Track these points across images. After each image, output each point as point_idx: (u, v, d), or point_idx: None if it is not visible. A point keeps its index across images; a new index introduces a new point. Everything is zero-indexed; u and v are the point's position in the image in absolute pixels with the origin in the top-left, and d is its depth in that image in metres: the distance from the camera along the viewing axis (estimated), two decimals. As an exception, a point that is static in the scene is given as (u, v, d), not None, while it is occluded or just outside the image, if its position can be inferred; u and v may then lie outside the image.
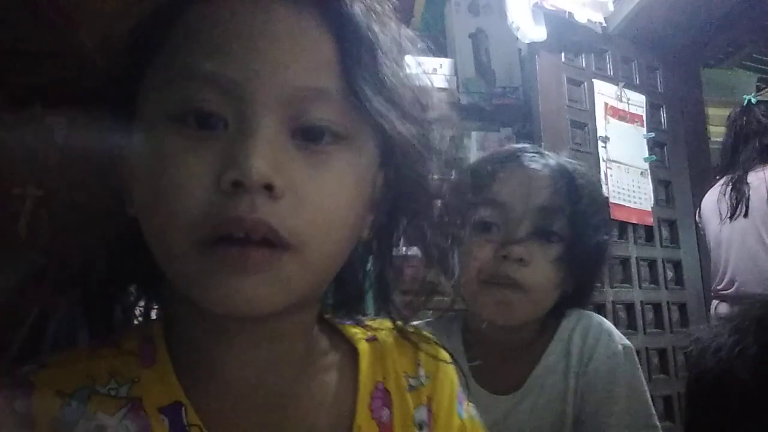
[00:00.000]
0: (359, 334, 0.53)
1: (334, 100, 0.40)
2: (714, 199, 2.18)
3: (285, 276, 0.39)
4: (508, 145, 1.11)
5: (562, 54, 2.05)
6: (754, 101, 2.23)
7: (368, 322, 0.54)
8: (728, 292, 2.10)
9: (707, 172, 2.30)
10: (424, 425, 0.50)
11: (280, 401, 0.45)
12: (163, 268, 0.41)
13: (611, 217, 1.81)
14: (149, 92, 0.41)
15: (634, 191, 2.05)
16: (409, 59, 0.47)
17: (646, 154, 2.12)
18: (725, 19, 2.17)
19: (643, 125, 2.15)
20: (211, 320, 0.42)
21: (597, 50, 2.13)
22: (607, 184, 1.96)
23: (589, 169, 1.04)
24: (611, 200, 1.93)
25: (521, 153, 0.89)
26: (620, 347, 0.83)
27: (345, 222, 0.42)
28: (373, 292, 0.53)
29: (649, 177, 2.10)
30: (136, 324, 0.50)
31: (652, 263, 2.07)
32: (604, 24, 2.07)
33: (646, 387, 0.83)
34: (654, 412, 0.82)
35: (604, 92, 2.09)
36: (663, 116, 2.25)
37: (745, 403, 0.57)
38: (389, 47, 0.44)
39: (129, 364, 0.43)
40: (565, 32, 2.03)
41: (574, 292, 0.87)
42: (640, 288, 2.01)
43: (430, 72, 0.52)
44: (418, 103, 0.46)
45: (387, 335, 0.53)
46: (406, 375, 0.52)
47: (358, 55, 0.41)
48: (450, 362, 0.55)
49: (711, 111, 2.58)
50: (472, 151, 1.93)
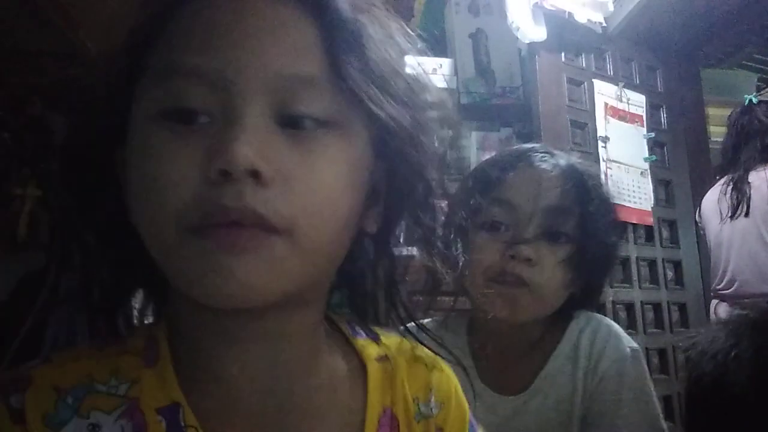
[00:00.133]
0: (371, 352, 0.51)
1: (320, 87, 0.40)
2: (714, 199, 2.17)
3: (277, 257, 0.38)
4: (518, 145, 1.10)
5: (562, 54, 2.05)
6: (755, 101, 2.24)
7: (382, 338, 0.53)
8: (728, 292, 2.10)
9: (707, 172, 2.29)
10: None
11: (282, 408, 0.45)
12: (156, 260, 0.41)
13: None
14: (143, 91, 0.41)
15: (634, 191, 2.05)
16: (408, 58, 0.47)
17: (646, 154, 2.12)
18: (725, 19, 2.17)
19: (643, 125, 2.15)
20: (211, 318, 0.42)
21: (597, 50, 2.13)
22: (607, 184, 1.95)
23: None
24: (611, 200, 1.93)
25: (531, 153, 0.89)
26: (628, 350, 0.83)
27: (337, 208, 0.41)
28: (381, 293, 0.52)
29: (649, 177, 2.10)
30: (145, 323, 0.50)
31: (652, 263, 2.07)
32: (604, 24, 2.07)
33: (653, 390, 0.83)
34: (661, 414, 0.82)
35: (604, 92, 2.09)
36: (663, 116, 2.25)
37: (742, 406, 0.58)
38: (376, 33, 0.44)
39: (131, 364, 0.43)
40: (565, 32, 2.03)
41: (582, 293, 0.87)
42: (640, 288, 2.01)
43: (430, 72, 0.52)
44: (411, 91, 0.45)
45: (399, 354, 0.52)
46: (416, 400, 0.50)
47: (342, 40, 0.41)
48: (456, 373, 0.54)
49: (711, 111, 2.58)
50: (472, 151, 1.93)
